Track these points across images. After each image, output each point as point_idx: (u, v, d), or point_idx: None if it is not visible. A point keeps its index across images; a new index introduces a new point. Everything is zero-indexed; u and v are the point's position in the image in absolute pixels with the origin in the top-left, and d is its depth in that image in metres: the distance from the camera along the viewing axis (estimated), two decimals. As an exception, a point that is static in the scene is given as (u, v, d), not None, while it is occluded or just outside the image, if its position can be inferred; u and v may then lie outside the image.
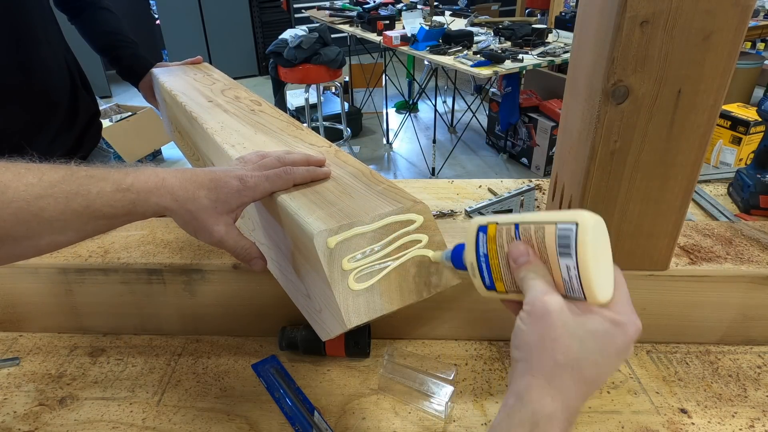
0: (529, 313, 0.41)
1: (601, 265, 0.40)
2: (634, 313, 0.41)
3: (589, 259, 0.38)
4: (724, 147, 2.36)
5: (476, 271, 0.46)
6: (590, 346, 0.39)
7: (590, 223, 0.39)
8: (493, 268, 0.45)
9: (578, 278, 0.39)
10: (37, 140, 1.05)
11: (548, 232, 0.41)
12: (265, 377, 0.76)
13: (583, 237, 0.38)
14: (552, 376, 0.39)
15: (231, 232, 0.55)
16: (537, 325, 0.40)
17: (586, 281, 0.39)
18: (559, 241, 0.40)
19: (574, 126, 0.70)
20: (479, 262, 0.46)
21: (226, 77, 1.09)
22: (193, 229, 0.54)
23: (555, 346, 0.39)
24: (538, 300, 0.40)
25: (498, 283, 0.45)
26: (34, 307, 0.84)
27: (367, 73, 4.56)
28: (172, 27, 5.64)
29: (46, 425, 0.69)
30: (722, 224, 0.84)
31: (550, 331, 0.39)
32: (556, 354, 0.39)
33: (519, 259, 0.42)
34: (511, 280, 0.44)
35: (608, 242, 0.41)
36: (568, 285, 0.40)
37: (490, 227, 0.45)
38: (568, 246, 0.39)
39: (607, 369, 0.40)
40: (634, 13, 0.55)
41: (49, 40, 1.05)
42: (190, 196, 0.52)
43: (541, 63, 3.02)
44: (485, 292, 0.47)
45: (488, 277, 0.46)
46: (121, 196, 0.49)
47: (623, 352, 0.40)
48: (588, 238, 0.38)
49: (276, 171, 0.57)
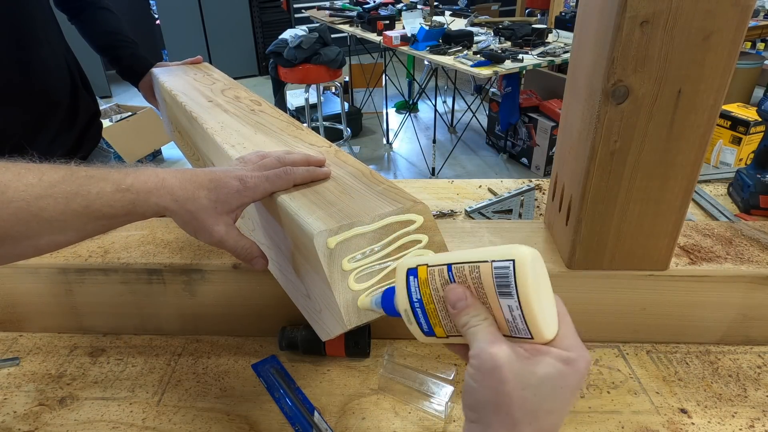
0: (477, 368, 0.38)
1: (544, 300, 0.37)
2: (582, 346, 0.39)
3: (531, 297, 0.36)
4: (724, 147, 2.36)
5: (411, 318, 0.43)
6: (544, 393, 0.36)
7: (528, 259, 0.36)
8: (430, 314, 0.41)
9: (522, 317, 0.37)
10: (38, 140, 1.05)
11: (484, 271, 0.38)
12: (265, 377, 0.76)
13: (522, 274, 0.36)
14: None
15: (231, 232, 0.55)
16: (488, 380, 0.37)
17: (531, 320, 0.37)
18: (497, 281, 0.37)
19: (574, 126, 0.70)
20: (413, 308, 0.42)
21: (226, 77, 1.09)
22: (193, 229, 0.54)
23: (510, 402, 0.36)
24: (484, 353, 0.37)
25: (437, 328, 0.42)
26: (34, 307, 0.84)
27: (367, 73, 4.56)
28: (172, 27, 5.65)
29: (46, 425, 0.69)
30: (722, 224, 0.84)
31: (503, 386, 0.36)
32: (513, 410, 0.36)
33: (457, 304, 0.39)
34: (451, 325, 0.41)
35: (546, 274, 0.39)
36: (512, 325, 0.38)
37: (420, 270, 0.41)
38: (508, 285, 0.36)
39: (563, 412, 0.38)
40: (634, 13, 0.55)
41: (49, 40, 1.05)
42: (190, 197, 0.52)
43: (541, 63, 3.02)
44: (424, 338, 0.43)
45: (426, 323, 0.42)
46: (120, 196, 0.49)
47: (576, 389, 0.38)
48: (528, 274, 0.36)
49: (276, 171, 0.57)
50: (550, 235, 0.82)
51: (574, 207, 0.70)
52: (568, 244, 0.73)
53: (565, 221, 0.74)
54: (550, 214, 0.84)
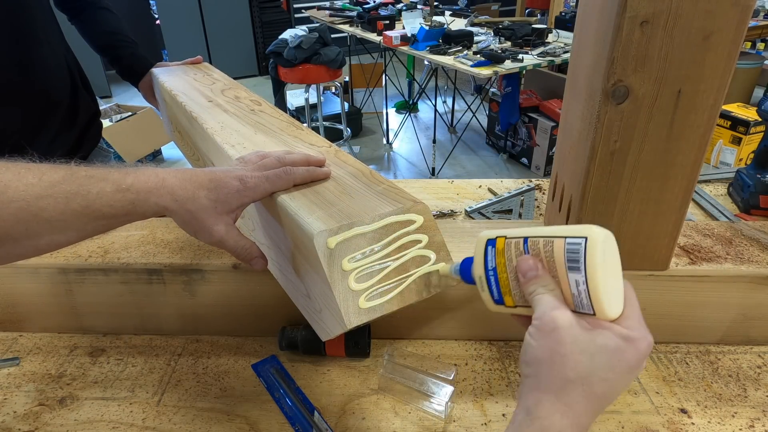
0: (538, 328, 0.40)
1: (611, 279, 0.39)
2: (645, 329, 0.40)
3: (598, 274, 0.38)
4: (724, 147, 2.36)
5: (485, 285, 0.46)
6: (600, 361, 0.38)
7: (600, 238, 0.39)
8: (502, 282, 0.45)
9: (587, 293, 0.39)
10: (38, 140, 1.05)
11: (557, 246, 0.41)
12: (265, 377, 0.76)
13: (592, 251, 0.38)
14: (561, 392, 0.38)
15: (231, 232, 0.55)
16: (546, 340, 0.39)
17: (595, 296, 0.39)
18: (568, 256, 0.40)
19: (574, 126, 0.70)
20: (488, 276, 0.45)
21: (226, 77, 1.09)
22: (192, 229, 0.54)
23: (565, 361, 0.38)
24: (546, 315, 0.40)
25: (507, 297, 0.45)
26: (34, 307, 0.84)
27: (367, 73, 4.56)
28: (172, 27, 5.64)
29: (46, 425, 0.69)
30: (722, 224, 0.84)
31: (560, 347, 0.39)
32: (566, 370, 0.38)
33: (528, 273, 0.42)
34: (520, 295, 0.44)
35: (618, 257, 0.41)
36: (577, 300, 0.40)
37: (499, 241, 0.45)
38: (577, 261, 0.39)
39: (618, 385, 0.39)
40: (634, 13, 0.55)
41: (49, 39, 1.05)
42: (190, 196, 0.52)
43: (541, 63, 3.02)
44: (494, 306, 0.46)
45: (497, 291, 0.45)
46: (120, 196, 0.49)
47: (635, 368, 0.39)
48: (597, 252, 0.38)
49: (276, 171, 0.57)
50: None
51: (574, 207, 0.70)
52: (568, 244, 0.72)
53: (565, 221, 0.74)
54: (550, 214, 0.84)
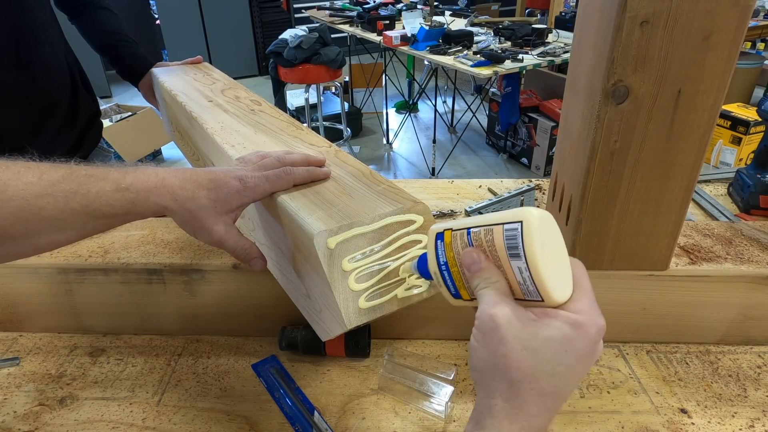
0: (478, 329, 0.38)
1: (554, 262, 0.38)
2: (596, 311, 0.39)
3: (538, 258, 0.36)
4: (724, 147, 2.36)
5: (440, 280, 0.44)
6: (545, 356, 0.36)
7: (535, 220, 0.37)
8: (455, 276, 0.43)
9: (531, 279, 0.37)
10: (38, 140, 1.05)
11: (496, 234, 0.39)
12: (265, 377, 0.76)
13: (529, 235, 0.36)
14: (509, 396, 0.36)
15: (231, 232, 0.55)
16: (487, 341, 0.37)
17: (539, 281, 0.37)
18: (507, 243, 0.38)
19: (574, 126, 0.70)
20: (441, 270, 0.43)
21: (226, 77, 1.09)
22: (192, 228, 0.54)
23: (507, 362, 0.36)
24: (485, 314, 0.38)
25: (462, 290, 0.43)
26: (34, 307, 0.84)
27: (367, 73, 4.56)
28: (172, 27, 5.64)
29: (46, 425, 0.69)
30: (722, 224, 0.84)
31: (501, 347, 0.36)
32: (510, 371, 0.36)
33: (471, 267, 0.40)
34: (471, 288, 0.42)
35: (560, 237, 0.39)
36: (524, 288, 0.38)
37: (446, 234, 0.43)
38: (516, 246, 0.37)
39: (571, 378, 0.37)
40: (634, 13, 0.55)
41: (49, 39, 1.05)
42: (190, 196, 0.52)
43: (541, 63, 3.02)
44: (453, 300, 0.44)
45: (452, 286, 0.43)
46: (120, 195, 0.49)
47: (586, 356, 0.38)
48: (534, 235, 0.36)
49: (276, 171, 0.57)
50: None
51: (574, 207, 0.70)
52: (568, 244, 0.72)
53: (565, 221, 0.74)
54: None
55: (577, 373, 0.38)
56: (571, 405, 0.70)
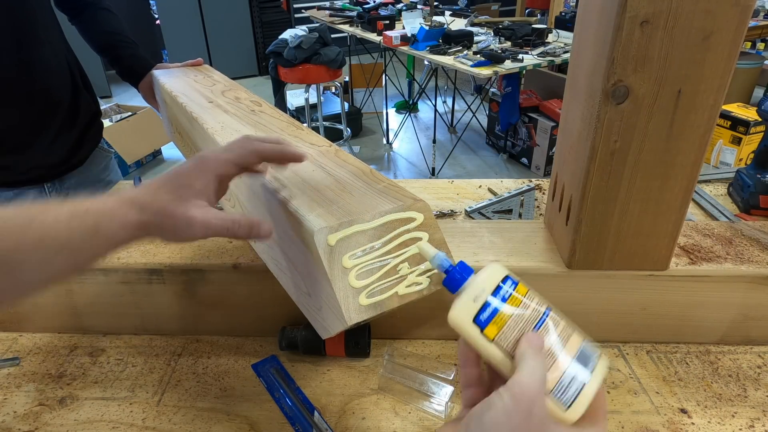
0: (512, 393, 0.38)
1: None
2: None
3: (598, 386, 0.41)
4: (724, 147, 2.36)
5: (478, 305, 0.43)
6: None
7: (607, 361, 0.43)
8: (498, 316, 0.43)
9: (577, 392, 0.41)
10: (38, 140, 1.05)
11: (574, 339, 0.43)
12: (265, 377, 0.76)
13: (603, 368, 0.42)
14: None
15: (209, 212, 0.50)
16: (518, 411, 0.37)
17: (581, 400, 0.40)
18: (582, 351, 0.42)
19: (574, 126, 0.70)
20: (487, 303, 0.43)
21: (227, 79, 1.09)
22: (171, 229, 0.50)
23: None
24: (529, 386, 0.38)
25: (492, 328, 0.43)
26: (34, 307, 0.84)
27: (367, 73, 4.56)
28: (172, 27, 5.65)
29: (46, 425, 0.69)
30: (722, 224, 0.84)
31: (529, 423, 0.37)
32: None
33: (533, 341, 0.41)
34: (507, 340, 0.42)
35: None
36: (560, 388, 0.41)
37: (521, 287, 0.44)
38: (588, 361, 0.42)
39: None
40: (634, 13, 0.55)
41: (50, 40, 1.05)
42: (151, 199, 0.49)
43: (541, 63, 3.02)
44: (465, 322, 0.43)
45: (486, 319, 0.43)
46: (79, 221, 0.45)
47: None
48: (605, 370, 0.42)
49: (237, 142, 0.55)
50: (550, 235, 0.82)
51: (574, 207, 0.70)
52: (568, 244, 0.73)
53: (565, 221, 0.74)
54: (550, 214, 0.84)
55: None
56: (571, 405, 0.70)
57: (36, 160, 1.06)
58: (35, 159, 1.06)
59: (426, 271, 0.54)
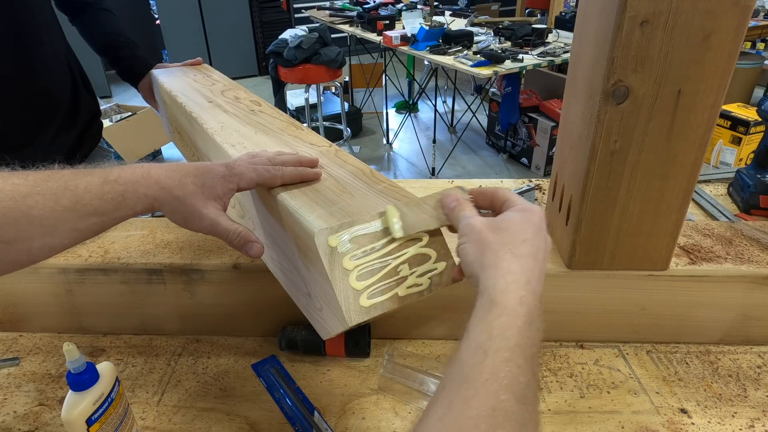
0: (463, 233, 0.48)
1: None
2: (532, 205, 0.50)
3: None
4: (724, 147, 2.36)
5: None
6: (514, 228, 0.47)
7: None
8: None
9: None
10: (38, 140, 1.05)
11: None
12: (265, 377, 0.76)
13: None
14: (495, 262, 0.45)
15: (221, 216, 0.55)
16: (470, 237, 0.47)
17: None
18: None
19: (574, 126, 0.70)
20: None
21: (226, 78, 1.09)
22: (182, 216, 0.53)
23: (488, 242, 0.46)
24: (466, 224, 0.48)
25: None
26: (34, 307, 0.84)
27: (367, 73, 4.56)
28: (172, 27, 5.64)
29: (46, 425, 0.69)
30: (722, 224, 0.84)
31: (481, 236, 0.46)
32: (493, 245, 0.46)
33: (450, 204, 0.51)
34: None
35: None
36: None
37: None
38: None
39: (536, 241, 0.46)
40: (634, 13, 0.55)
41: (50, 40, 1.05)
42: (177, 183, 0.52)
43: (541, 63, 3.02)
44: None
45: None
46: (109, 188, 0.49)
47: (540, 230, 0.48)
48: None
49: (264, 166, 0.58)
50: (549, 235, 0.82)
51: (574, 207, 0.70)
52: (568, 244, 0.73)
53: (565, 221, 0.74)
54: (550, 214, 0.84)
55: (538, 242, 0.47)
56: (571, 405, 0.70)
57: (36, 159, 1.06)
58: (35, 158, 1.06)
59: (426, 272, 0.54)
